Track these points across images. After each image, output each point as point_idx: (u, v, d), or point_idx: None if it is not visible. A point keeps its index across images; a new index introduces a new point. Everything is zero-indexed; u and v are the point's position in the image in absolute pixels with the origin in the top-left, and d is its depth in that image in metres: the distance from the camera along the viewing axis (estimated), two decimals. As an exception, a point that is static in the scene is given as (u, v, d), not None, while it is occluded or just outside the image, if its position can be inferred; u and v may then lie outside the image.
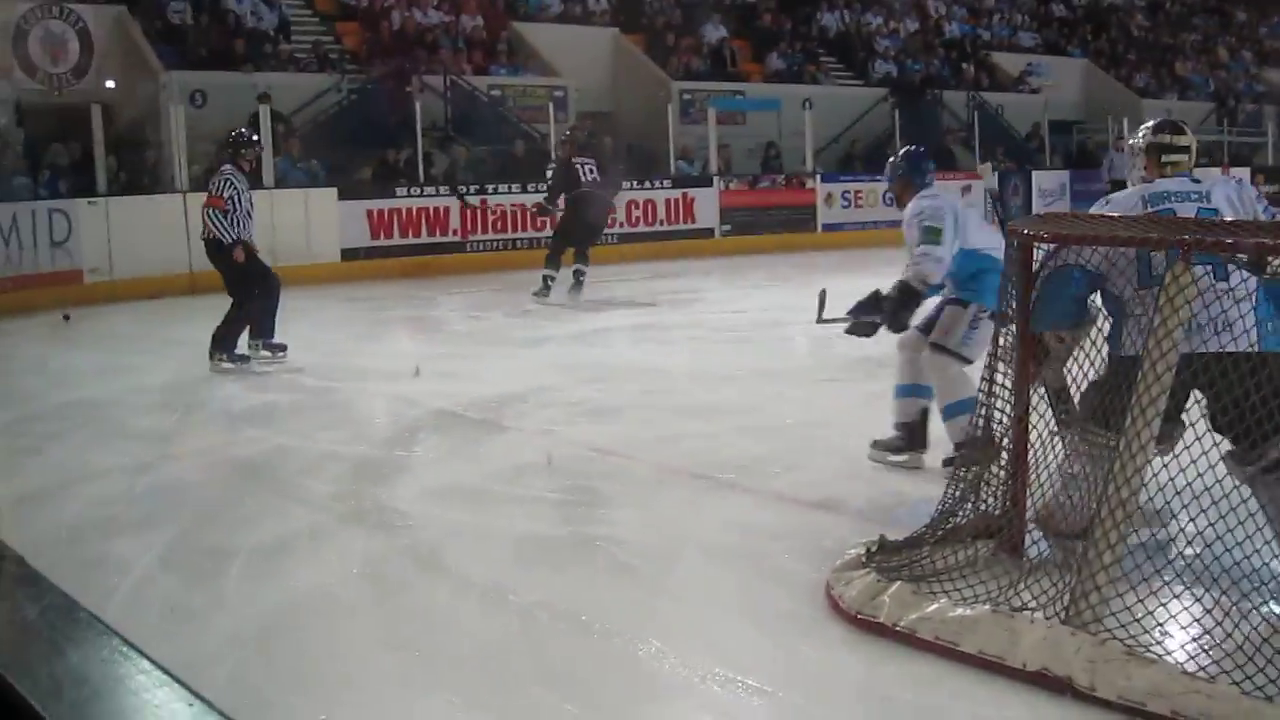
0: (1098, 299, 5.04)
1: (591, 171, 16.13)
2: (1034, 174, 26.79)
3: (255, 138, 11.77)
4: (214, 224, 10.72)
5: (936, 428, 6.70)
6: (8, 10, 17.54)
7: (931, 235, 6.88)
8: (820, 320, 7.83)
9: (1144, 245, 4.57)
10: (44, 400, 9.42)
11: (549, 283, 15.45)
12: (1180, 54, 36.98)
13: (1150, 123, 5.68)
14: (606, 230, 18.39)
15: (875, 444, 7.05)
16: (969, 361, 6.75)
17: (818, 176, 23.39)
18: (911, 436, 7.00)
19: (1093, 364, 4.93)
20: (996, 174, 25.66)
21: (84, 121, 16.77)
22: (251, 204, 10.98)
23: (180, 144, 17.21)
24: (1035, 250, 4.87)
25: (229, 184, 10.74)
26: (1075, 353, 5.00)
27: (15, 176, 16.84)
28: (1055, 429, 4.97)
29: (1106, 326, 4.99)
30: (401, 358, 11.21)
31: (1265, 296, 4.67)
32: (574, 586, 5.07)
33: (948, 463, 6.46)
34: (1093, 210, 5.48)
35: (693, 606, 4.88)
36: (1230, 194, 5.16)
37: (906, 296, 7.07)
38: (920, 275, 6.95)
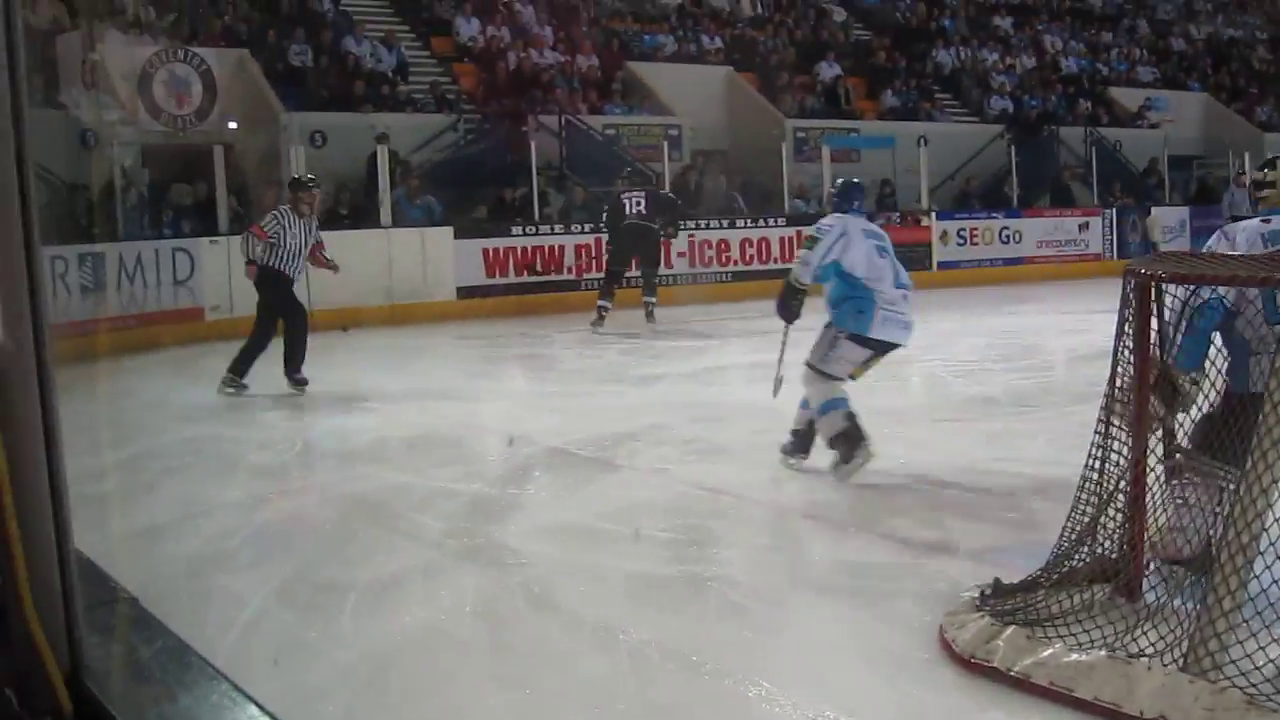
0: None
1: (639, 204, 17.10)
2: (1153, 210, 26.43)
3: (311, 180, 12.41)
4: (244, 244, 11.78)
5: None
6: (135, 56, 17.95)
7: (809, 243, 8.08)
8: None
9: (1267, 285, 4.50)
10: (164, 436, 9.59)
11: (602, 313, 16.38)
12: (1304, 87, 36.38)
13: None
14: (721, 269, 18.75)
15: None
16: (833, 378, 7.92)
17: (933, 214, 23.26)
18: (799, 441, 8.03)
19: (1206, 397, 4.91)
20: (1160, 229, 25.26)
21: (207, 162, 17.12)
22: (303, 243, 11.73)
23: (302, 185, 17.47)
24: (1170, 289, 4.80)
25: (274, 219, 11.70)
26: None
27: (140, 216, 17.20)
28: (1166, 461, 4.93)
29: (1220, 361, 4.97)
30: (516, 395, 11.30)
31: None
32: (684, 626, 5.06)
33: (785, 450, 8.06)
34: (1210, 241, 5.62)
35: (804, 648, 4.85)
36: None
37: (787, 291, 8.29)
38: (793, 274, 8.20)
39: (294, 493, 7.89)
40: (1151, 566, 4.89)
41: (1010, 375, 11.95)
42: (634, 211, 17.05)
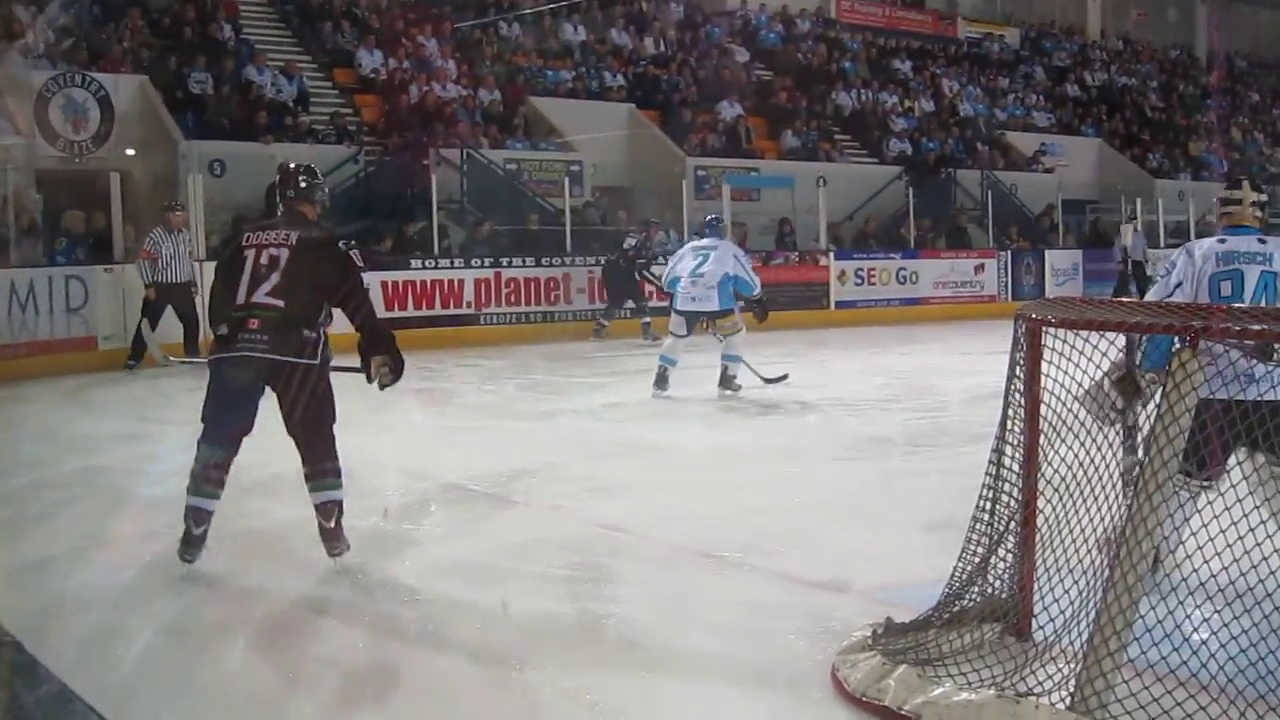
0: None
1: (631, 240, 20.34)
2: (1047, 253, 26.86)
3: (175, 203, 16.21)
4: (140, 271, 15.42)
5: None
6: (32, 79, 17.72)
7: None
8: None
9: (1154, 332, 4.60)
10: (55, 466, 9.43)
11: (598, 324, 19.88)
12: (1194, 134, 37.16)
13: None
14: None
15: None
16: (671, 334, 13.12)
17: (831, 253, 23.47)
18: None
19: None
20: (1138, 235, 25.73)
21: (103, 189, 16.91)
22: (177, 254, 15.55)
23: (198, 213, 17.31)
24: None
25: (150, 239, 15.44)
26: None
27: (33, 242, 16.96)
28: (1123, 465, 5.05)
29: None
30: (413, 430, 11.23)
31: None
32: (581, 664, 5.05)
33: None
34: (1175, 255, 6.10)
35: (699, 685, 4.86)
36: None
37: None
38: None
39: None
40: (1040, 607, 4.95)
41: (905, 415, 12.06)
42: (625, 247, 20.27)
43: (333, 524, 6.56)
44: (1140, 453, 5.17)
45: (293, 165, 6.91)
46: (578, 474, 9.06)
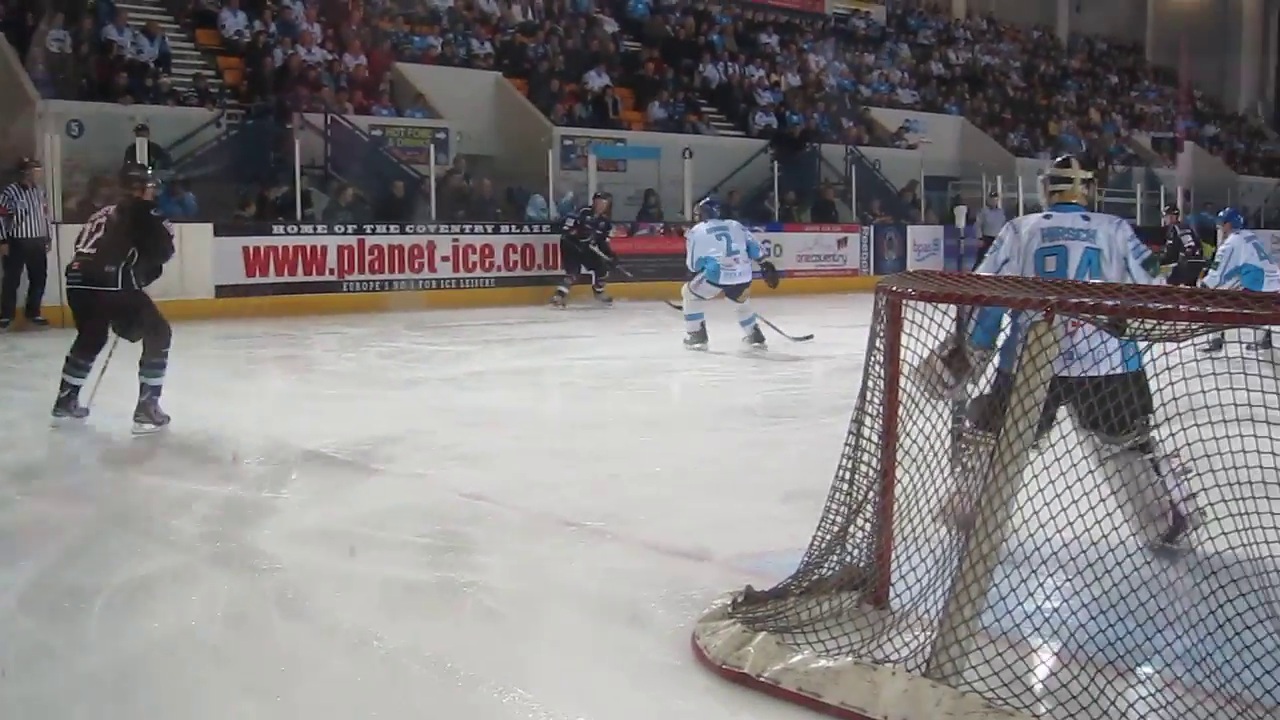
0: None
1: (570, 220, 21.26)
2: (909, 228, 27.24)
3: (30, 160, 16.46)
4: None
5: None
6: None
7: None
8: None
9: (1010, 306, 4.69)
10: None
11: (558, 292, 20.65)
12: (1054, 115, 37.85)
13: None
14: (485, 274, 19.47)
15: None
16: (699, 298, 14.58)
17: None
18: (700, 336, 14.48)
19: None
20: (998, 212, 26.17)
21: (-44, 149, 16.54)
22: (32, 209, 16.03)
23: (55, 175, 16.95)
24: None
25: (3, 195, 15.88)
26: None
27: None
28: (952, 432, 5.17)
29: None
30: (273, 397, 11.13)
31: None
32: (440, 633, 5.04)
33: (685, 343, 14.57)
34: (1001, 232, 6.21)
35: (560, 654, 4.87)
36: (1111, 233, 5.73)
37: None
38: None
39: (40, 495, 7.62)
40: (897, 575, 5.03)
41: (767, 386, 12.17)
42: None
43: (143, 399, 9.21)
44: (966, 425, 5.37)
45: (127, 162, 10.82)
46: (440, 442, 9.03)
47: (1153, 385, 4.87)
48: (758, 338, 14.62)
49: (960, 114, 34.68)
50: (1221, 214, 15.74)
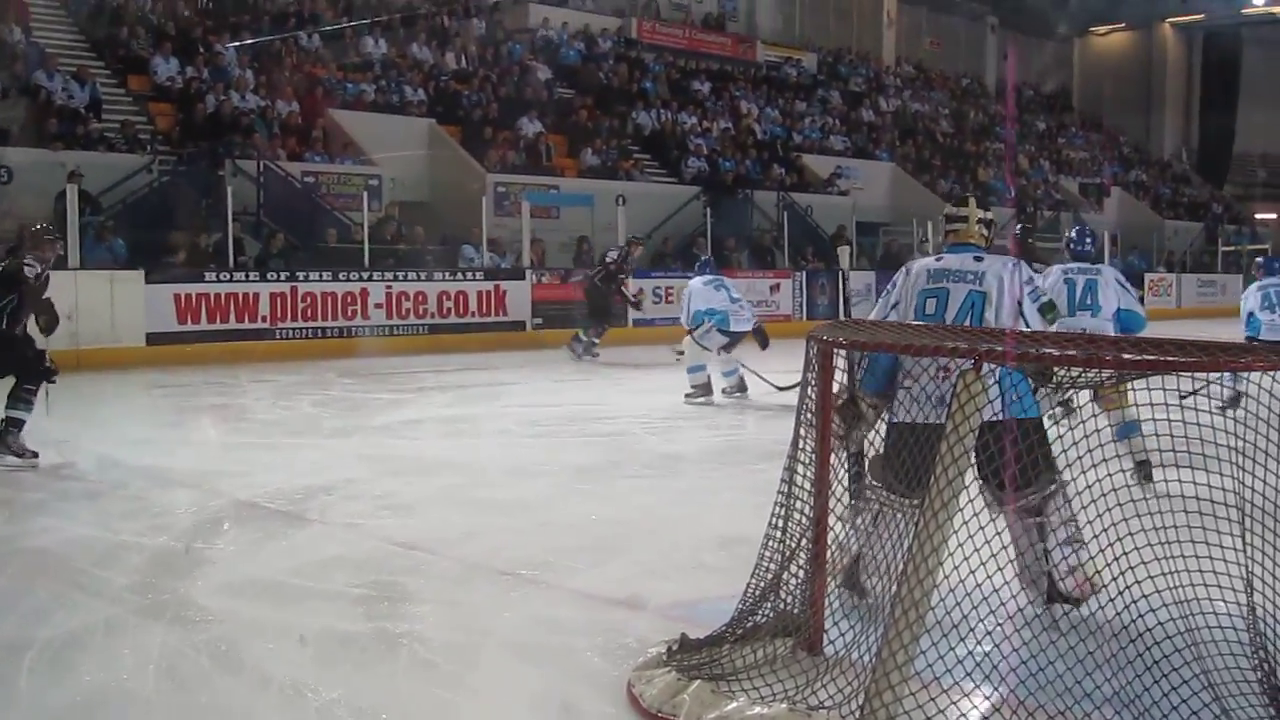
0: None
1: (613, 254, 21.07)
2: (841, 274, 27.41)
3: None
4: None
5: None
6: None
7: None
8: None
9: (940, 354, 4.74)
10: None
11: (588, 342, 20.09)
12: (983, 161, 38.28)
13: None
14: (419, 321, 19.72)
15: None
16: (705, 349, 14.47)
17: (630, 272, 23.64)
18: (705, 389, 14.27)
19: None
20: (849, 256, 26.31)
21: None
22: None
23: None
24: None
25: None
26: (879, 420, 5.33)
27: None
28: (850, 488, 5.20)
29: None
30: (205, 446, 11.06)
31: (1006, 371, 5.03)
32: (375, 684, 5.01)
33: (688, 397, 14.22)
34: (898, 274, 6.10)
35: (495, 704, 4.86)
36: (1004, 275, 5.62)
37: None
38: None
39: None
40: (831, 622, 5.06)
41: (701, 433, 12.20)
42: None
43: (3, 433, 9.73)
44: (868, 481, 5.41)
45: (39, 226, 11.04)
46: (374, 491, 8.99)
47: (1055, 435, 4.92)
48: (741, 387, 14.75)
49: (891, 160, 35.02)
50: (1260, 260, 15.53)
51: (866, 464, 5.49)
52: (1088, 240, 10.43)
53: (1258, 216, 48.93)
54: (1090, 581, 5.22)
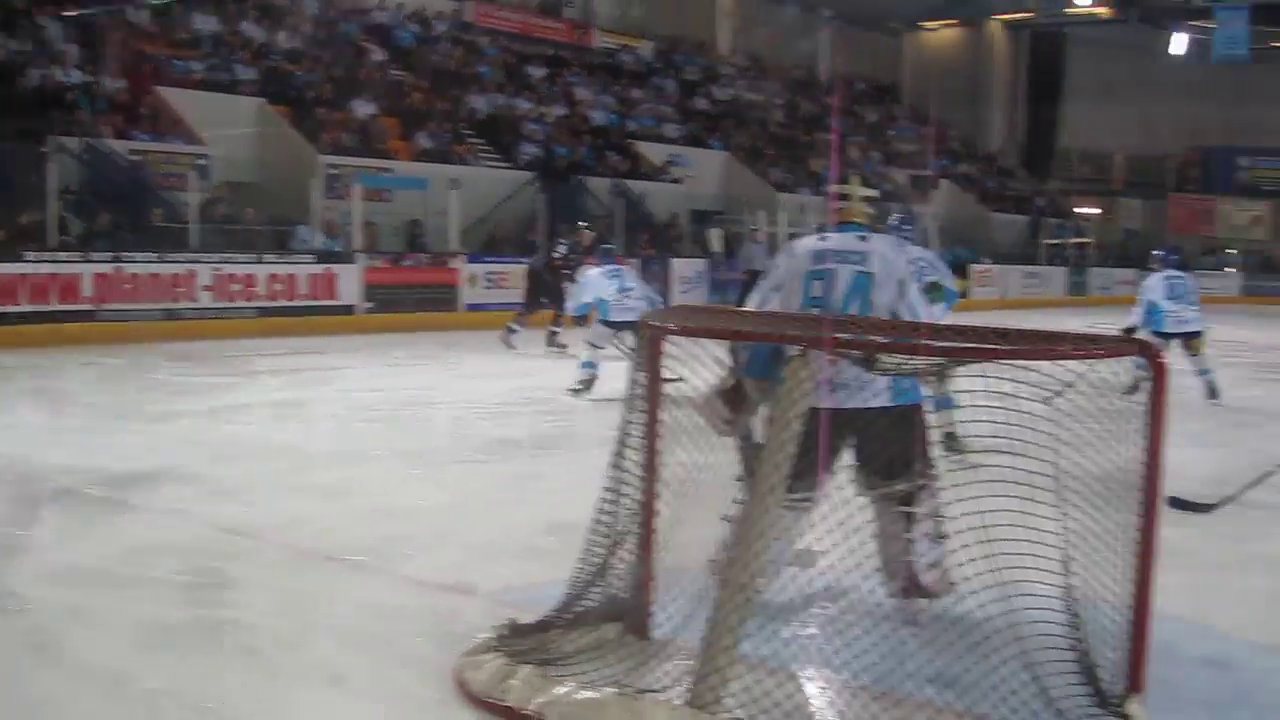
0: None
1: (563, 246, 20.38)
2: (673, 261, 27.55)
3: None
4: None
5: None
6: None
7: None
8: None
9: (772, 341, 4.80)
10: None
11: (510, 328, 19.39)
12: (814, 151, 38.72)
13: None
14: (247, 304, 19.34)
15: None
16: (598, 348, 13.69)
17: (462, 256, 23.52)
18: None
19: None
20: (760, 246, 26.28)
21: None
22: None
23: None
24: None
25: None
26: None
27: None
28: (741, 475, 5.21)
29: None
30: (23, 430, 10.79)
31: None
32: (199, 673, 4.93)
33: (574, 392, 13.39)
34: (778, 257, 6.04)
35: (322, 692, 4.81)
36: (889, 255, 5.61)
37: None
38: None
39: None
40: (659, 606, 5.10)
41: (533, 418, 12.21)
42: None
43: None
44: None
45: None
46: (199, 476, 8.84)
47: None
48: (588, 385, 14.30)
49: (724, 149, 35.28)
50: (1158, 253, 15.96)
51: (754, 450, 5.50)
52: (907, 227, 10.73)
53: (1079, 210, 50.21)
54: (948, 579, 5.26)
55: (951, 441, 8.02)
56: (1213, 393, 13.63)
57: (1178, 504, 7.84)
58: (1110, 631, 4.46)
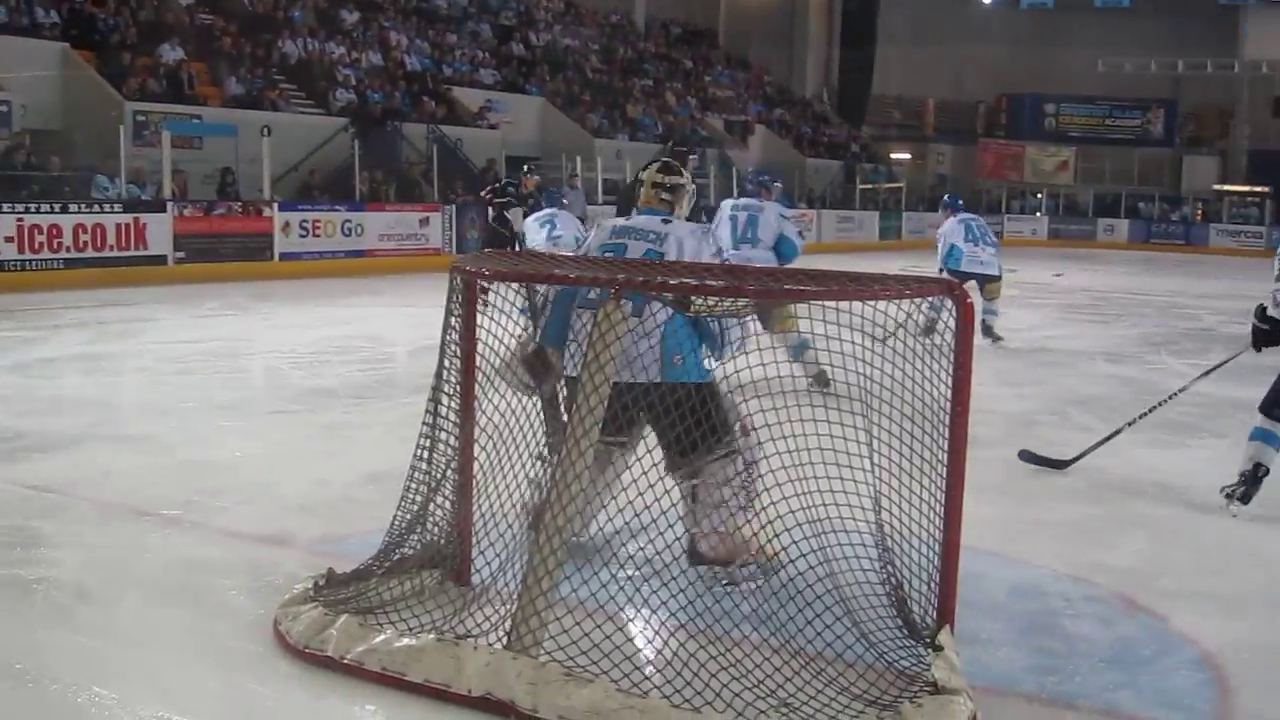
0: None
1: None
2: (490, 208, 27.40)
3: None
4: None
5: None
6: None
7: None
8: None
9: (582, 284, 4.83)
10: None
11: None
12: (631, 97, 38.76)
13: None
14: (53, 255, 18.81)
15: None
16: None
17: (275, 205, 23.14)
18: None
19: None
20: (578, 192, 26.00)
21: None
22: None
23: None
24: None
25: None
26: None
27: None
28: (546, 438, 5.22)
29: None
30: None
31: (684, 333, 5.12)
32: (10, 633, 4.83)
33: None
34: (593, 227, 6.17)
35: (136, 649, 4.74)
36: (686, 240, 5.65)
37: None
38: None
39: None
40: (477, 552, 5.11)
41: (349, 368, 12.09)
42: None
43: None
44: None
45: None
46: (5, 433, 8.61)
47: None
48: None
49: (541, 95, 35.15)
50: (945, 199, 16.32)
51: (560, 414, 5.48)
52: (750, 185, 11.41)
53: (893, 156, 51.12)
54: (738, 546, 5.27)
55: (820, 379, 8.23)
56: (987, 332, 14.02)
57: (1031, 458, 8.11)
58: (921, 566, 4.60)
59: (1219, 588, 5.91)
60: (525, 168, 20.20)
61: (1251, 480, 7.03)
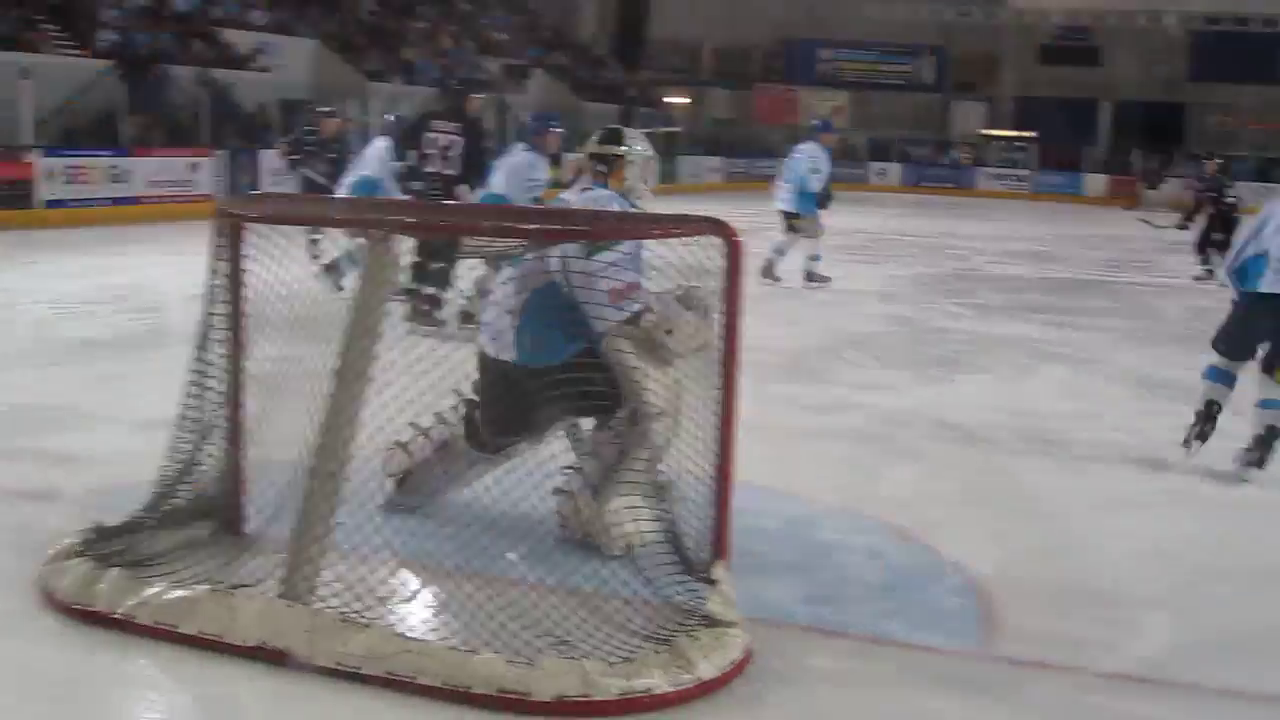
0: None
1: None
2: (263, 153, 26.87)
3: None
4: None
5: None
6: None
7: None
8: None
9: (348, 226, 4.77)
10: None
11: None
12: (407, 40, 38.32)
13: None
14: None
15: None
16: None
17: (38, 151, 22.35)
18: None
19: None
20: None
21: None
22: None
23: None
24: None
25: None
26: None
27: None
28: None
29: None
30: None
31: (534, 313, 5.11)
32: None
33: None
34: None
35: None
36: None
37: None
38: None
39: None
40: (250, 501, 5.04)
41: (118, 317, 11.77)
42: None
43: None
44: None
45: None
46: None
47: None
48: None
49: (315, 38, 34.53)
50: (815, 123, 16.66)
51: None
52: (531, 129, 11.39)
53: (669, 100, 51.35)
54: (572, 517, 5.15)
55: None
56: (767, 270, 14.34)
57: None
58: (695, 502, 4.65)
59: (984, 517, 6.11)
60: (320, 110, 17.97)
61: (1205, 419, 7.07)
